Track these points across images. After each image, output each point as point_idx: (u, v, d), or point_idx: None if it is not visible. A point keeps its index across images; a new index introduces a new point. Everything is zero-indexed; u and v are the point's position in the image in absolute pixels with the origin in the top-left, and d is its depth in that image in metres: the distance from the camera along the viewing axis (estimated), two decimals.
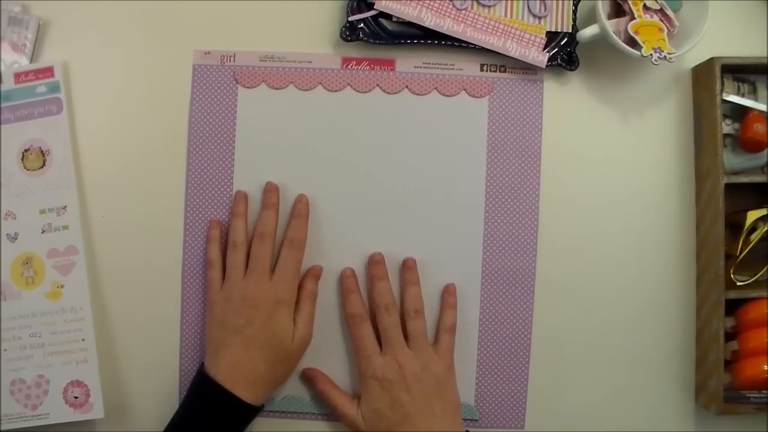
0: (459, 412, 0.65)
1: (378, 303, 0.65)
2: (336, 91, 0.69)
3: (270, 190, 0.67)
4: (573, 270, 0.69)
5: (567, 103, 0.70)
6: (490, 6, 0.68)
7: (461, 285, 0.68)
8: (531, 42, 0.68)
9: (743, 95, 0.67)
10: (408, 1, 0.67)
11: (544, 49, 0.68)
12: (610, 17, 0.66)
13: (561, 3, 0.68)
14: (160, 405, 0.68)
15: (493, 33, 0.68)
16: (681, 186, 0.70)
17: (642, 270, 0.70)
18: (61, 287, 0.67)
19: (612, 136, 0.70)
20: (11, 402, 0.66)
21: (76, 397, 0.66)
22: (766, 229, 0.67)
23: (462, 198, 0.69)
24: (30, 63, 0.68)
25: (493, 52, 0.68)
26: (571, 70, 0.68)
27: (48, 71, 0.68)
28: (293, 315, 0.64)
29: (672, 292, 0.70)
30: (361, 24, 0.68)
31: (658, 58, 0.63)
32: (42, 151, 0.67)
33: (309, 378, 0.68)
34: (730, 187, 0.65)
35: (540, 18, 0.68)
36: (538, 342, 0.69)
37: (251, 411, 0.62)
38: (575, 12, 0.68)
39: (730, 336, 0.66)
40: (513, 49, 0.68)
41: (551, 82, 0.70)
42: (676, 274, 0.70)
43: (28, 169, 0.67)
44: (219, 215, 0.69)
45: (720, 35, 0.67)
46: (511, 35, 0.68)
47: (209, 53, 0.69)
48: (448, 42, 0.68)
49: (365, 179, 0.69)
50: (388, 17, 0.68)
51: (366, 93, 0.69)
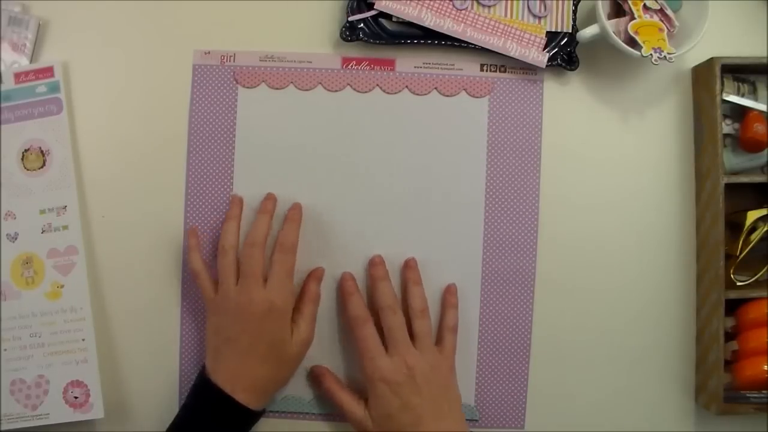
0: (462, 412, 0.65)
1: (381, 304, 0.64)
2: (336, 91, 0.69)
3: (268, 198, 0.67)
4: (573, 270, 0.69)
5: (567, 103, 0.70)
6: (490, 6, 0.68)
7: (461, 285, 0.68)
8: (531, 42, 0.68)
9: (743, 95, 0.67)
10: (408, 1, 0.67)
11: (544, 49, 0.68)
12: (610, 17, 0.66)
13: (561, 3, 0.68)
14: (160, 405, 0.68)
15: (493, 33, 0.68)
16: (681, 186, 0.70)
17: (642, 270, 0.70)
18: (61, 287, 0.67)
19: (612, 136, 0.70)
20: (11, 402, 0.66)
21: (76, 397, 0.66)
22: (766, 229, 0.67)
23: (462, 198, 0.69)
24: (30, 63, 0.68)
25: (493, 52, 0.68)
26: (571, 70, 0.68)
27: (48, 71, 0.68)
28: (294, 317, 0.64)
29: (672, 292, 0.70)
30: (361, 24, 0.68)
31: (658, 58, 0.63)
32: (42, 151, 0.67)
33: (316, 376, 0.67)
34: (730, 187, 0.65)
35: (540, 18, 0.68)
36: (538, 342, 0.69)
37: (252, 416, 0.62)
38: (575, 12, 0.68)
39: (730, 336, 0.66)
40: (513, 49, 0.68)
41: (551, 82, 0.70)
42: (676, 274, 0.70)
43: (28, 169, 0.67)
44: (219, 215, 0.69)
45: (720, 35, 0.67)
46: (511, 35, 0.68)
47: (209, 53, 0.69)
48: (448, 42, 0.68)
49: (365, 179, 0.69)
50: (388, 17, 0.68)
51: (366, 93, 0.69)
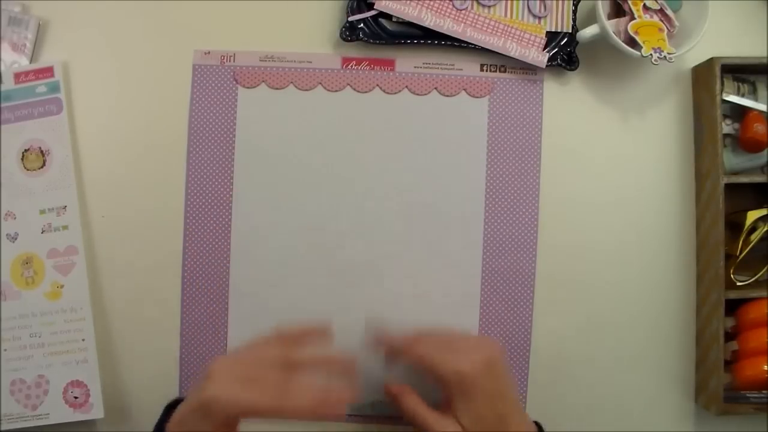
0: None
1: None
2: (336, 91, 0.69)
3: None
4: (573, 270, 0.69)
5: (567, 103, 0.70)
6: (490, 6, 0.68)
7: (461, 285, 0.68)
8: (531, 42, 0.68)
9: (743, 95, 0.67)
10: (408, 1, 0.67)
11: (544, 49, 0.68)
12: (610, 17, 0.66)
13: (561, 3, 0.68)
14: (160, 405, 0.68)
15: (493, 33, 0.68)
16: (681, 186, 0.70)
17: (642, 270, 0.70)
18: (61, 287, 0.67)
19: (612, 136, 0.70)
20: (11, 402, 0.66)
21: (76, 397, 0.66)
22: (766, 229, 0.67)
23: (462, 198, 0.69)
24: (30, 63, 0.68)
25: (493, 52, 0.68)
26: (571, 70, 0.68)
27: (48, 71, 0.68)
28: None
29: (672, 292, 0.70)
30: (361, 24, 0.68)
31: (658, 58, 0.63)
32: (42, 151, 0.67)
33: (393, 395, 0.61)
34: (730, 187, 0.65)
35: (540, 18, 0.68)
36: (538, 342, 0.69)
37: None
38: (575, 12, 0.68)
39: (730, 336, 0.66)
40: (513, 49, 0.68)
41: (551, 82, 0.70)
42: (676, 274, 0.70)
43: (28, 169, 0.67)
44: (219, 215, 0.69)
45: (720, 35, 0.67)
46: (511, 35, 0.68)
47: (209, 53, 0.69)
48: (448, 42, 0.68)
49: (365, 179, 0.69)
50: (388, 17, 0.68)
51: (366, 93, 0.69)
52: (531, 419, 0.60)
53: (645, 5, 0.65)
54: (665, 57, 0.63)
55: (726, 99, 0.67)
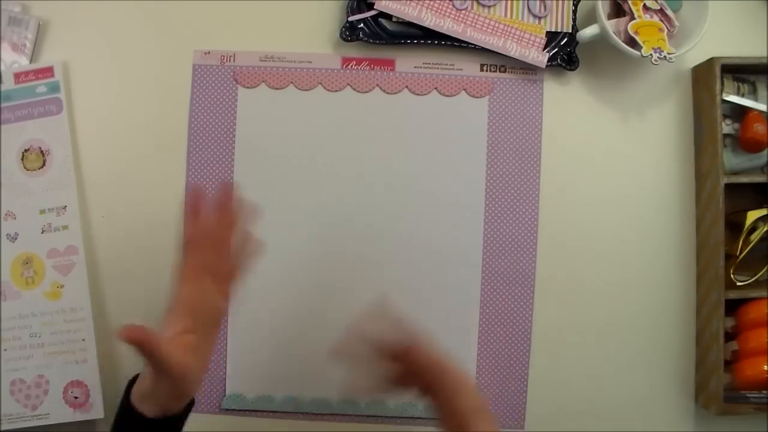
0: None
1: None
2: (336, 91, 0.69)
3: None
4: (573, 270, 0.69)
5: (567, 103, 0.70)
6: (490, 6, 0.68)
7: (461, 285, 0.68)
8: (531, 42, 0.68)
9: (743, 95, 0.67)
10: (408, 1, 0.67)
11: (544, 49, 0.68)
12: (610, 17, 0.66)
13: (561, 3, 0.68)
14: None
15: (493, 33, 0.68)
16: (681, 186, 0.70)
17: (642, 270, 0.70)
18: (61, 287, 0.67)
19: (612, 136, 0.70)
20: (11, 402, 0.66)
21: (76, 397, 0.66)
22: (766, 229, 0.67)
23: (462, 198, 0.69)
24: (30, 63, 0.68)
25: (493, 52, 0.68)
26: (571, 70, 0.68)
27: (48, 71, 0.68)
28: None
29: (672, 292, 0.70)
30: (361, 24, 0.68)
31: (658, 58, 0.63)
32: (42, 151, 0.67)
33: (403, 351, 0.54)
34: (730, 187, 0.65)
35: (540, 18, 0.68)
36: (538, 342, 0.69)
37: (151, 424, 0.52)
38: (575, 12, 0.68)
39: (730, 336, 0.66)
40: (513, 49, 0.68)
41: (551, 82, 0.70)
42: (676, 274, 0.70)
43: (28, 169, 0.67)
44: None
45: (720, 35, 0.67)
46: (511, 35, 0.68)
47: (209, 53, 0.69)
48: (448, 42, 0.68)
49: (365, 179, 0.69)
50: (388, 17, 0.68)
51: (366, 93, 0.69)
52: None
53: (645, 5, 0.65)
54: (665, 57, 0.63)
55: (726, 99, 0.67)
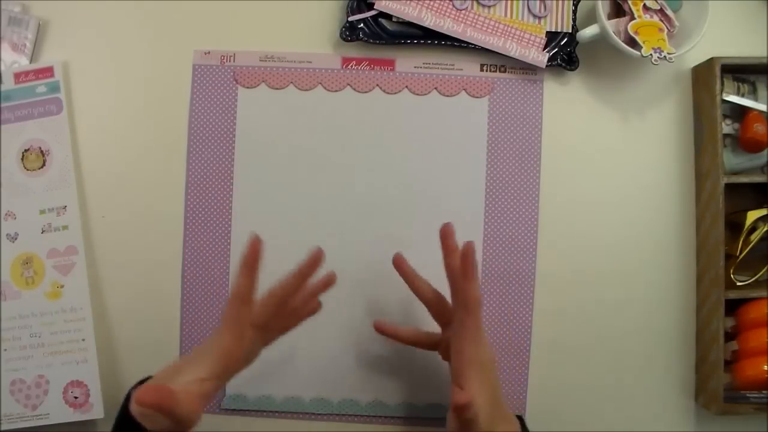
0: None
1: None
2: (336, 91, 0.69)
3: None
4: (573, 270, 0.69)
5: (567, 103, 0.70)
6: (490, 6, 0.68)
7: None
8: (531, 42, 0.68)
9: (743, 95, 0.67)
10: (408, 1, 0.67)
11: (544, 49, 0.68)
12: (610, 17, 0.66)
13: (561, 3, 0.68)
14: None
15: (493, 33, 0.68)
16: (681, 186, 0.70)
17: (642, 270, 0.70)
18: (61, 287, 0.67)
19: (612, 136, 0.70)
20: (11, 402, 0.66)
21: (76, 397, 0.66)
22: (766, 229, 0.67)
23: (462, 198, 0.69)
24: (30, 63, 0.68)
25: (493, 52, 0.68)
26: (571, 70, 0.68)
27: (48, 71, 0.68)
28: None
29: (672, 292, 0.70)
30: (361, 24, 0.68)
31: (658, 58, 0.63)
32: (42, 151, 0.67)
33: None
34: (730, 187, 0.65)
35: (540, 18, 0.68)
36: (538, 342, 0.69)
37: None
38: (575, 12, 0.68)
39: (730, 336, 0.66)
40: (513, 49, 0.68)
41: (551, 82, 0.70)
42: (676, 274, 0.70)
43: (28, 169, 0.67)
44: (219, 215, 0.69)
45: (720, 35, 0.67)
46: (511, 35, 0.68)
47: (209, 53, 0.69)
48: (448, 42, 0.68)
49: (365, 179, 0.69)
50: (388, 17, 0.68)
51: (366, 93, 0.69)
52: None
53: (645, 5, 0.65)
54: (665, 57, 0.63)
55: (726, 99, 0.67)
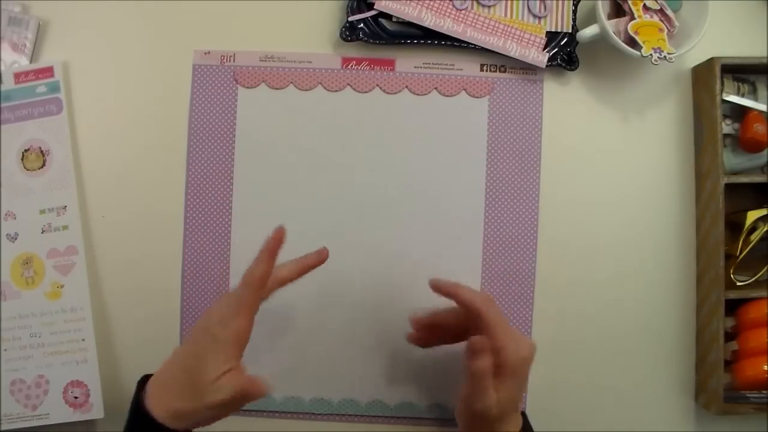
0: None
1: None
2: (336, 91, 0.69)
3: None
4: (573, 270, 0.69)
5: (567, 103, 0.70)
6: (490, 6, 0.68)
7: None
8: (531, 42, 0.68)
9: (743, 95, 0.67)
10: (408, 1, 0.67)
11: (544, 49, 0.68)
12: (610, 17, 0.66)
13: (561, 3, 0.68)
14: None
15: (493, 33, 0.68)
16: (681, 186, 0.70)
17: (642, 270, 0.70)
18: (61, 287, 0.67)
19: (612, 136, 0.70)
20: (11, 402, 0.66)
21: (76, 397, 0.66)
22: (766, 229, 0.67)
23: (462, 198, 0.69)
24: (30, 63, 0.68)
25: (493, 52, 0.68)
26: (571, 70, 0.68)
27: (48, 71, 0.68)
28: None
29: (672, 292, 0.70)
30: (361, 24, 0.68)
31: (658, 58, 0.63)
32: (42, 151, 0.67)
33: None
34: (730, 187, 0.65)
35: (540, 18, 0.68)
36: (538, 342, 0.68)
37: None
38: (575, 12, 0.68)
39: (730, 336, 0.66)
40: (513, 49, 0.68)
41: (551, 82, 0.70)
42: (676, 274, 0.70)
43: (28, 169, 0.67)
44: (219, 215, 0.69)
45: (720, 35, 0.67)
46: (511, 35, 0.68)
47: (209, 53, 0.69)
48: (448, 42, 0.68)
49: (365, 179, 0.69)
50: (388, 17, 0.68)
51: (366, 93, 0.69)
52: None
53: (645, 5, 0.65)
54: (665, 57, 0.63)
55: (726, 99, 0.67)
